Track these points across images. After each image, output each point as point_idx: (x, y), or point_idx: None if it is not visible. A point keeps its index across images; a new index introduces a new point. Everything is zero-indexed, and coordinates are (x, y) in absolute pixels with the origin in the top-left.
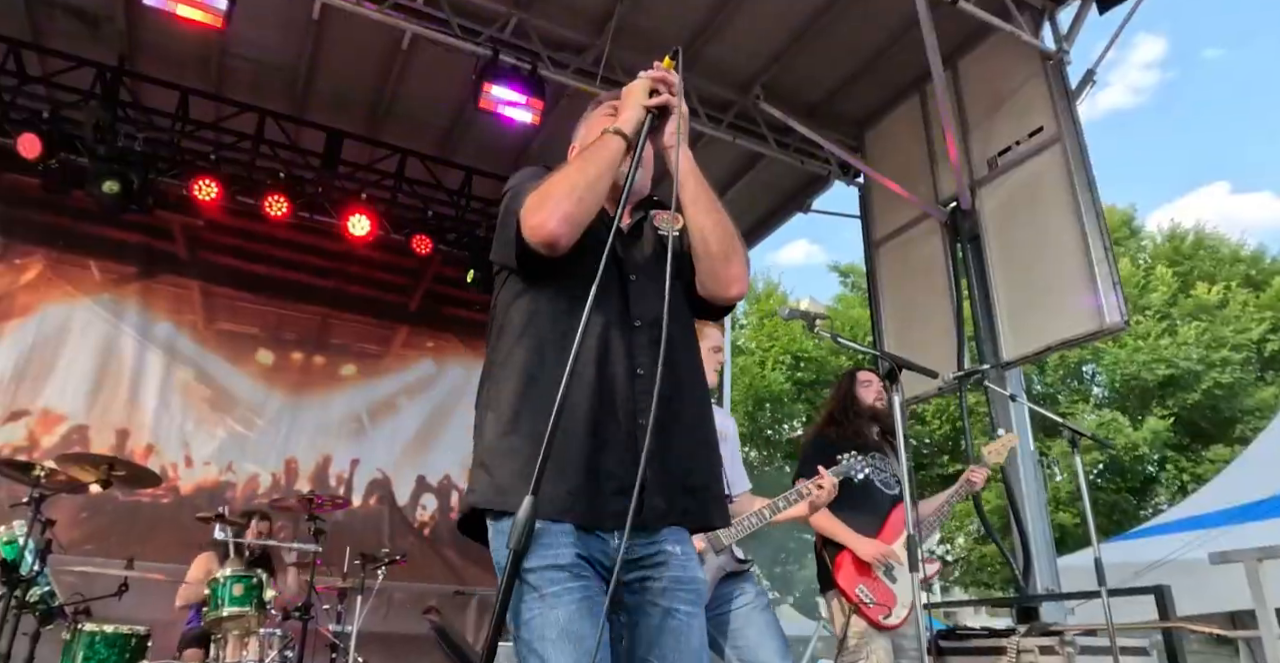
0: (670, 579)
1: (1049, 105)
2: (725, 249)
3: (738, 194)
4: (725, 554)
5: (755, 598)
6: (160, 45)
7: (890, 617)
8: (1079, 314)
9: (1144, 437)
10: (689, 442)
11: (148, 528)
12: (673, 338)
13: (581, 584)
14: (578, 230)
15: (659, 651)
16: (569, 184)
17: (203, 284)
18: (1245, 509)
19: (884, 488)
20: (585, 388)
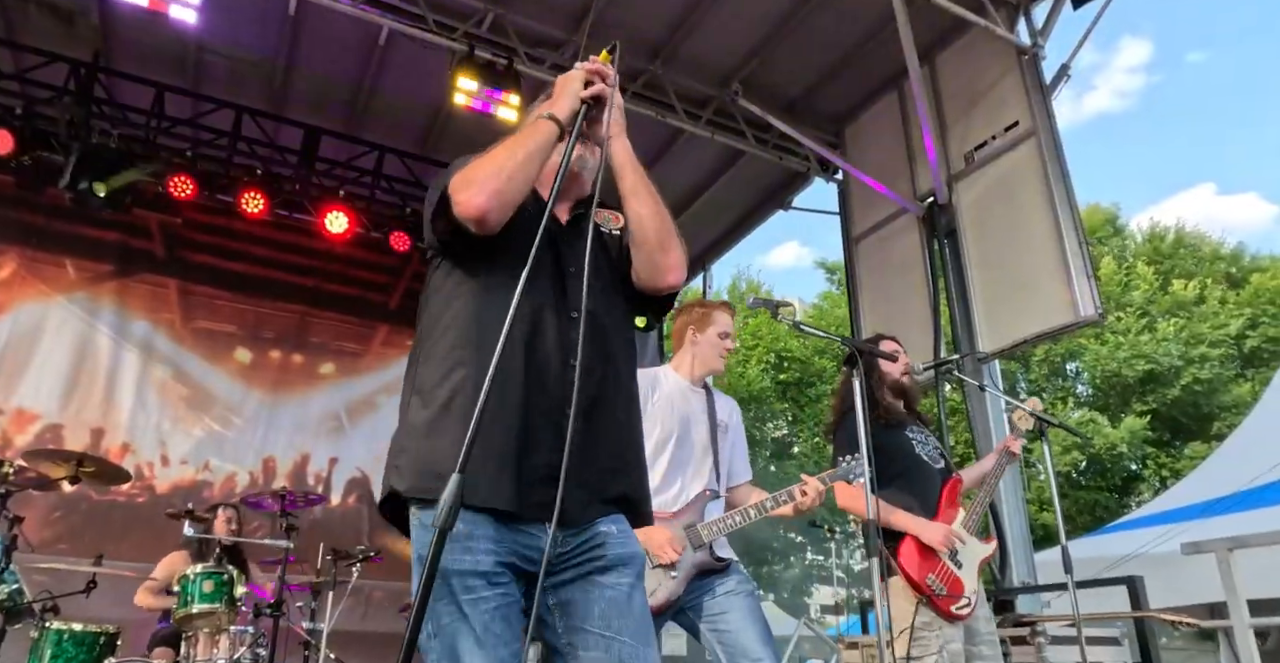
0: (610, 558)
1: (1024, 100)
2: (662, 237)
3: (718, 192)
4: (703, 551)
5: (738, 585)
6: (135, 41)
7: (964, 607)
8: (1054, 307)
9: (1121, 436)
10: (619, 437)
11: (122, 527)
12: (608, 331)
13: (499, 592)
14: (506, 208)
15: (604, 621)
16: (497, 164)
17: (180, 282)
18: (1217, 503)
19: (930, 461)
20: (517, 376)
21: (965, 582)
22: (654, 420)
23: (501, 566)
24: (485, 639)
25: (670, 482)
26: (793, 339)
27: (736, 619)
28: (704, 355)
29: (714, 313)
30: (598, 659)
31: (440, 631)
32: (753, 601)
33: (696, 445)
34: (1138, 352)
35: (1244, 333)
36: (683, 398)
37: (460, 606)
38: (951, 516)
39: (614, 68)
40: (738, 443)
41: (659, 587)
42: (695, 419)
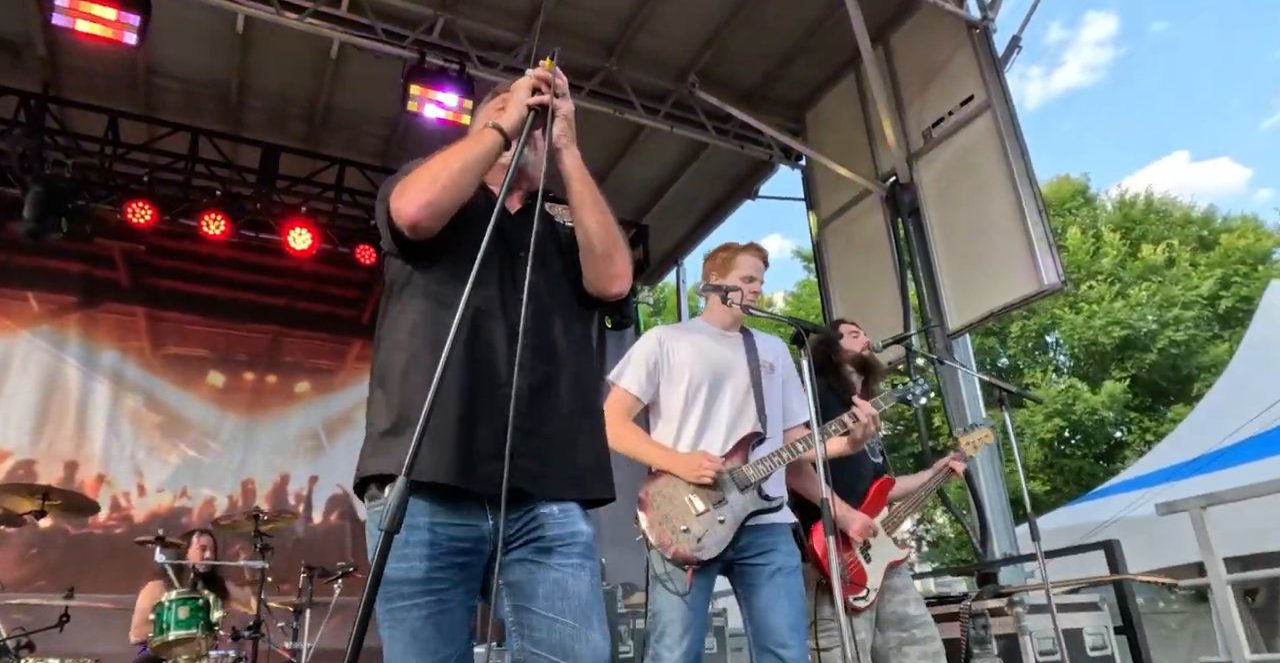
0: (550, 538)
1: (978, 74)
2: (607, 247)
3: (685, 186)
4: (751, 492)
5: (784, 558)
6: (84, 69)
7: (862, 599)
8: (1018, 278)
9: (1102, 401)
10: (569, 415)
11: (101, 560)
12: (555, 313)
13: (431, 599)
14: (438, 217)
15: (546, 602)
16: (431, 174)
17: (147, 309)
18: (1192, 464)
19: (869, 454)
20: (466, 360)
21: (870, 575)
22: (681, 374)
23: (438, 571)
24: (412, 647)
25: (709, 429)
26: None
27: (770, 597)
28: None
29: (737, 257)
30: (541, 641)
31: (384, 630)
32: (795, 579)
33: (735, 391)
34: (1112, 318)
35: (1217, 294)
36: (715, 344)
37: (392, 612)
38: (875, 511)
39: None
40: (789, 382)
41: (706, 533)
42: (731, 365)
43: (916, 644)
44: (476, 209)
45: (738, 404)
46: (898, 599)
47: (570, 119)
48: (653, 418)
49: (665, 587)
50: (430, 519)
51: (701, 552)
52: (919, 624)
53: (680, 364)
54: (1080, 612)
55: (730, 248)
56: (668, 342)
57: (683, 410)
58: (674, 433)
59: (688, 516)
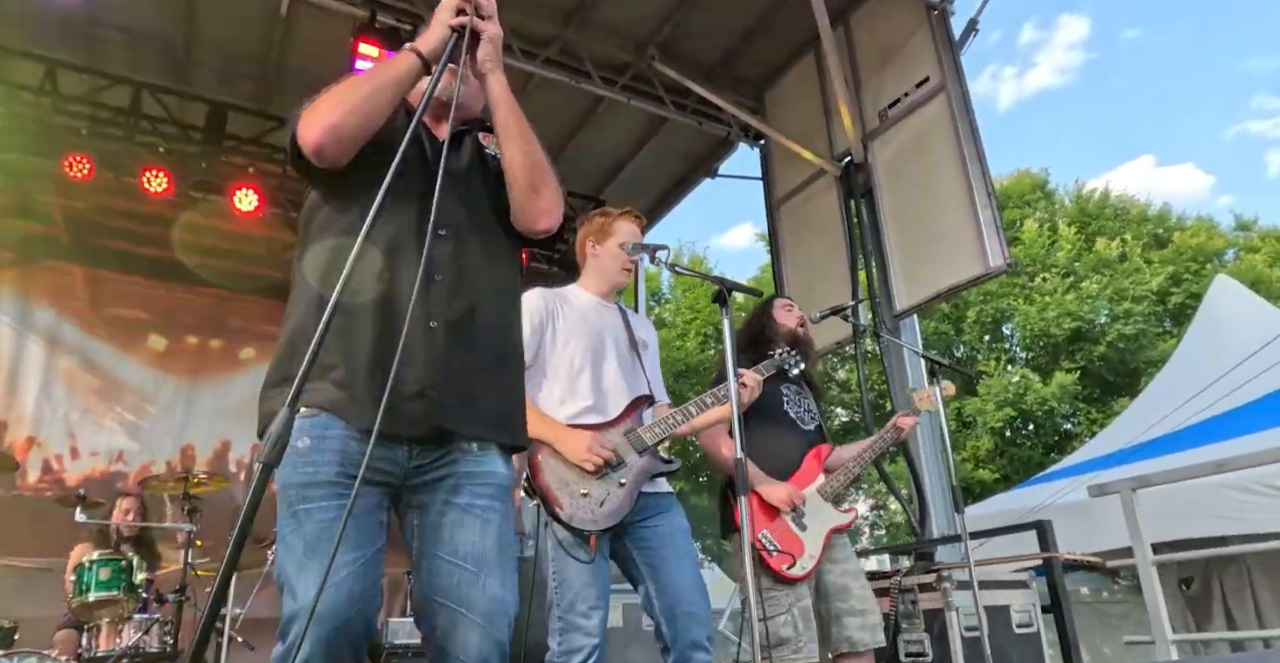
0: (464, 474)
1: (934, 56)
2: (533, 180)
3: (644, 160)
4: (648, 455)
5: (679, 520)
6: (23, 15)
7: (794, 567)
8: (965, 259)
9: (1052, 392)
10: (490, 354)
11: (30, 523)
12: (477, 248)
13: (340, 502)
14: (343, 142)
15: (449, 545)
16: (337, 97)
17: (86, 269)
18: (1126, 452)
19: (799, 422)
20: (377, 293)
21: (806, 544)
22: (567, 336)
23: (346, 477)
24: (316, 547)
25: (600, 392)
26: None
27: (673, 558)
28: (604, 269)
29: (614, 222)
30: (438, 586)
31: (281, 541)
32: (688, 540)
33: (620, 357)
34: (1064, 310)
35: (1168, 290)
36: (596, 313)
37: (295, 515)
38: (808, 479)
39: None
40: (656, 363)
41: (607, 497)
42: (611, 332)
43: (856, 616)
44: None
45: (624, 369)
46: (837, 570)
47: (497, 42)
48: (537, 378)
49: (570, 555)
50: (344, 432)
51: (601, 518)
52: (859, 596)
53: (567, 327)
54: (1009, 589)
55: (607, 214)
56: (551, 303)
57: (570, 373)
58: (563, 394)
59: (586, 479)
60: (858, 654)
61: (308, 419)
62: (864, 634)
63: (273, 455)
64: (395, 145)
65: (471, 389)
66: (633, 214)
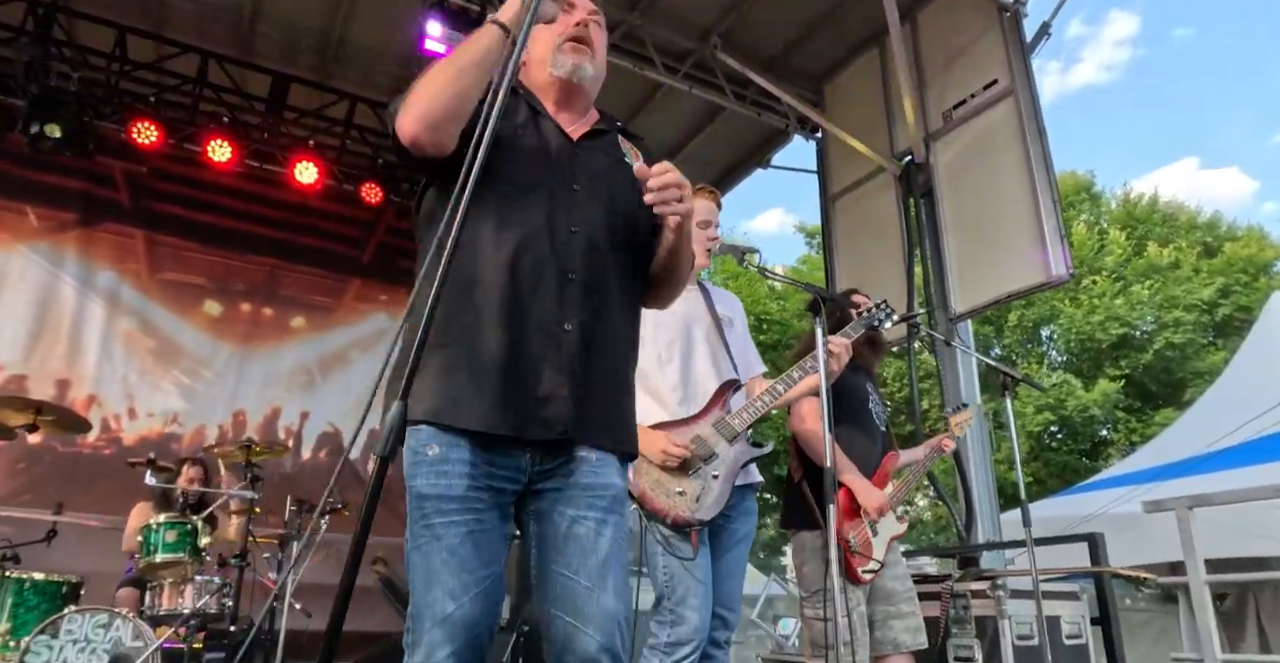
0: (582, 486)
1: (1004, 58)
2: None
3: (698, 148)
4: (740, 442)
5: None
6: None
7: (869, 571)
8: (1025, 267)
9: (1095, 399)
10: (614, 361)
11: (88, 479)
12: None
13: (471, 518)
14: (439, 130)
15: (564, 559)
16: (425, 84)
17: (146, 233)
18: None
19: (877, 421)
20: (509, 293)
21: (876, 549)
22: (654, 329)
23: (477, 490)
24: (449, 563)
25: (687, 384)
26: (772, 302)
27: (732, 563)
28: None
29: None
30: (556, 599)
31: (417, 547)
32: (747, 549)
33: (705, 342)
34: (1111, 315)
35: (1217, 301)
36: (680, 301)
37: (433, 527)
38: (884, 486)
39: None
40: (746, 336)
41: (703, 491)
42: (696, 318)
43: (901, 618)
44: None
45: (711, 354)
46: (888, 574)
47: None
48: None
49: (673, 553)
50: (470, 442)
51: (701, 512)
52: (905, 599)
53: (654, 319)
54: (1060, 600)
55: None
56: None
57: (658, 366)
58: (653, 389)
59: (680, 477)
60: (901, 655)
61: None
62: (907, 636)
63: (386, 449)
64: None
65: (598, 397)
66: (706, 189)
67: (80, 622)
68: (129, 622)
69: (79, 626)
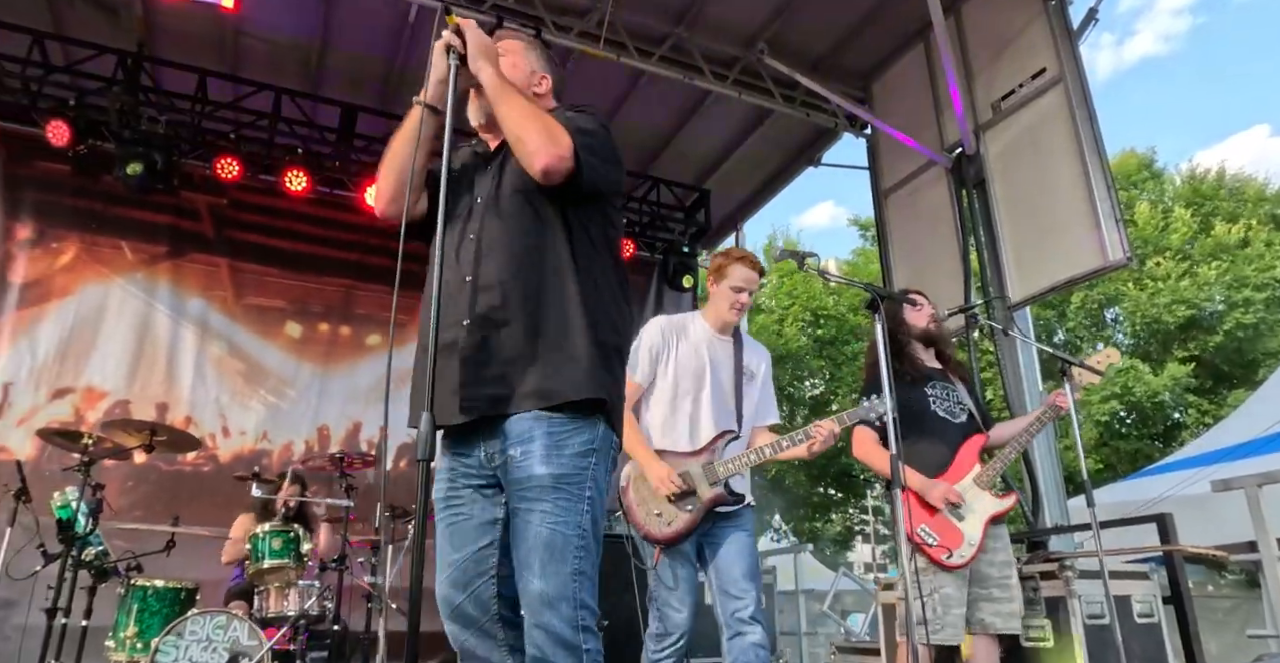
0: (512, 482)
1: (1051, 46)
2: (517, 132)
3: (748, 151)
4: (719, 486)
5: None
6: (176, 29)
7: (953, 557)
8: (1083, 252)
9: (1164, 383)
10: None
11: (190, 495)
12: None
13: (449, 513)
14: (394, 201)
15: (515, 550)
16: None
17: (230, 261)
18: (1248, 445)
19: (949, 417)
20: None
21: (965, 533)
22: (676, 366)
23: (453, 491)
24: (438, 554)
25: (693, 423)
26: (828, 297)
27: (731, 552)
28: (718, 307)
29: (729, 267)
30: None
31: None
32: (749, 539)
33: (720, 390)
34: (1178, 297)
35: None
36: (708, 345)
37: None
38: (963, 470)
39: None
40: (766, 387)
41: (675, 518)
42: (720, 365)
43: (991, 602)
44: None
45: (720, 402)
46: (985, 559)
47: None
48: (647, 400)
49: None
50: (445, 450)
51: (666, 533)
52: (998, 584)
53: (678, 356)
54: (1130, 580)
55: (727, 255)
56: (668, 334)
57: (670, 402)
58: (662, 420)
59: (661, 501)
60: (986, 636)
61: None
62: (997, 620)
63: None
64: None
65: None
66: (749, 260)
67: (202, 623)
68: (244, 623)
69: (201, 627)
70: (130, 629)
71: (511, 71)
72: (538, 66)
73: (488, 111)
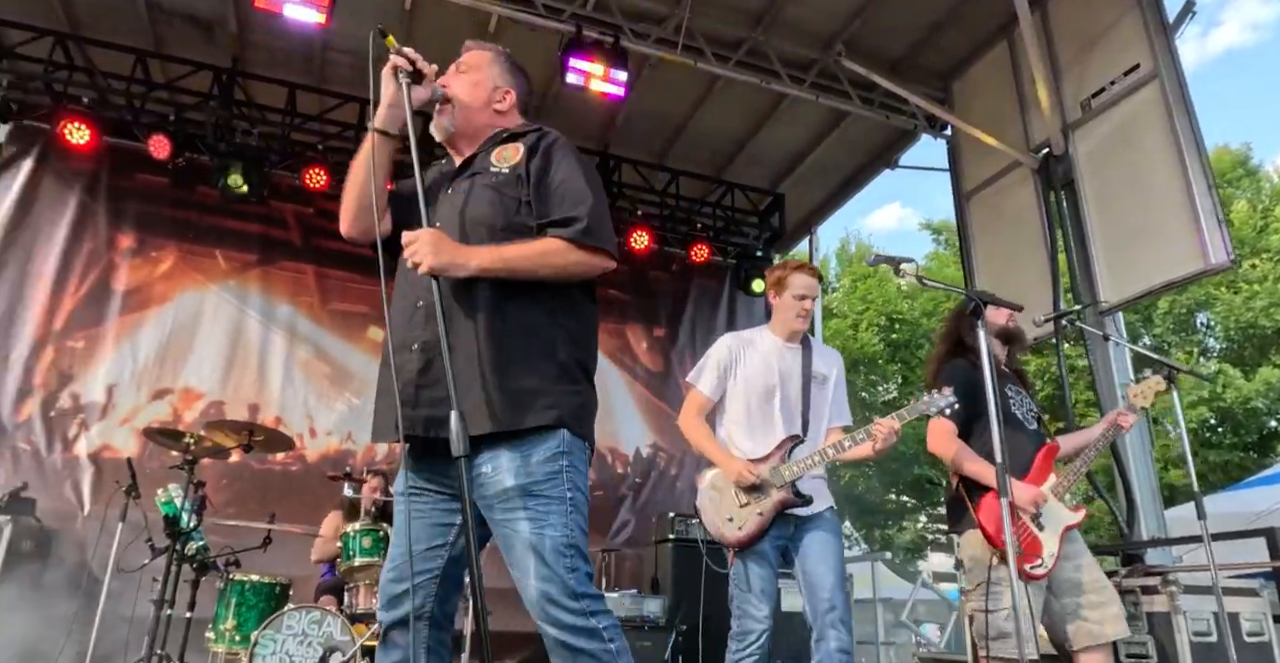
0: (489, 497)
1: (1145, 41)
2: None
3: (823, 154)
4: (786, 489)
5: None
6: (268, 45)
7: (1039, 567)
8: (1182, 255)
9: (1257, 388)
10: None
11: (280, 493)
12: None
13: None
14: (358, 223)
15: (507, 558)
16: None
17: (316, 268)
18: None
19: (1025, 423)
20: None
21: (1044, 543)
22: (745, 379)
23: (415, 488)
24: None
25: (764, 431)
26: (902, 301)
27: (816, 555)
28: (783, 317)
29: (789, 277)
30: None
31: None
32: (836, 542)
33: (789, 398)
34: (1275, 301)
35: None
36: (777, 356)
37: None
38: (1042, 479)
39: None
40: (838, 391)
41: (745, 522)
42: (789, 375)
43: (1096, 608)
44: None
45: (787, 412)
46: (1070, 566)
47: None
48: (719, 414)
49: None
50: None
51: (738, 537)
52: (1095, 588)
53: (745, 372)
54: (1238, 597)
55: (785, 267)
56: (736, 350)
57: (743, 413)
58: (734, 431)
59: (733, 506)
60: (1100, 648)
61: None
62: (1108, 627)
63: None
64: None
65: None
66: (807, 268)
67: (298, 618)
68: (338, 618)
69: (297, 621)
70: (229, 622)
71: (474, 91)
72: (501, 81)
73: (447, 129)
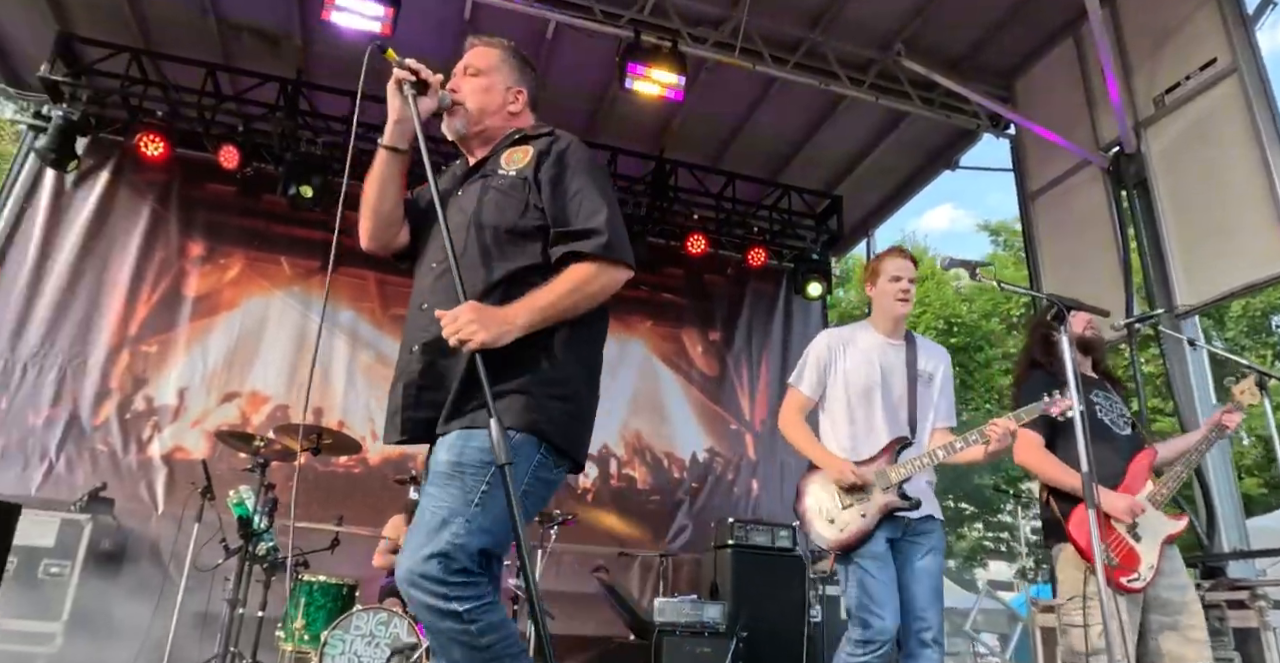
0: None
1: (1222, 34)
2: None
3: (881, 156)
4: (892, 491)
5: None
6: (331, 56)
7: (1135, 580)
8: (1263, 255)
9: None
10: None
11: (344, 495)
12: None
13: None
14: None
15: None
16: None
17: (377, 274)
18: None
19: (1114, 428)
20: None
21: (1142, 555)
22: (846, 377)
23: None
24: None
25: (867, 431)
26: (960, 304)
27: (918, 571)
28: (884, 306)
29: (881, 263)
30: None
31: None
32: (938, 559)
33: (892, 396)
34: None
35: None
36: (879, 352)
37: None
38: (1137, 487)
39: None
40: (944, 389)
41: (848, 525)
42: (892, 372)
43: (1177, 631)
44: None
45: (891, 411)
46: (1163, 583)
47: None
48: (821, 414)
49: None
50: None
51: (839, 539)
52: (1182, 609)
53: (846, 370)
54: None
55: (877, 258)
56: (835, 347)
57: (845, 412)
58: (836, 432)
59: (835, 508)
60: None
61: None
62: (1186, 650)
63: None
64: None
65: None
66: (898, 249)
67: (366, 619)
68: (404, 620)
69: (365, 622)
70: (299, 621)
71: (486, 97)
72: (512, 80)
73: (459, 131)
